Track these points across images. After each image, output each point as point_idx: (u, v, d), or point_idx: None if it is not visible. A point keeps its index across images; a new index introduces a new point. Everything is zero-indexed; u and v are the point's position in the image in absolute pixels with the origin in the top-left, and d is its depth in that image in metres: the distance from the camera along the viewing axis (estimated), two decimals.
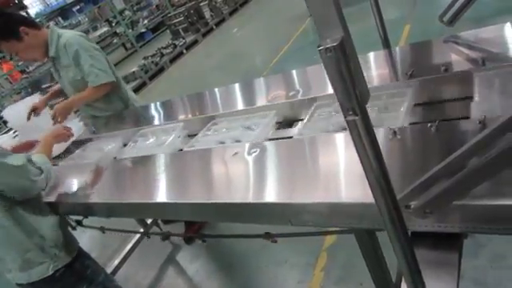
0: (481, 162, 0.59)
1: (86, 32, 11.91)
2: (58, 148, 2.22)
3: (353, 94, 0.50)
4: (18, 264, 1.60)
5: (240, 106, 1.77)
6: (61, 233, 1.70)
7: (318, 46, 0.50)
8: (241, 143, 1.46)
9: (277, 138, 1.42)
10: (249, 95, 1.94)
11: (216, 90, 2.15)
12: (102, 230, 2.28)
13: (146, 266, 3.03)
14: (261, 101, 1.69)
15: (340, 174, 1.04)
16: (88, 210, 1.71)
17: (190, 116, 1.97)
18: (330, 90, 1.41)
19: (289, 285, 2.32)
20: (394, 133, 1.04)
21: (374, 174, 0.57)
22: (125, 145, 2.08)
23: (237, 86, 2.05)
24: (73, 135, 2.16)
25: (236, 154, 1.35)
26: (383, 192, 0.60)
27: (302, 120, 1.46)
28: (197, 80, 6.83)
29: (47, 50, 2.26)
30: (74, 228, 2.21)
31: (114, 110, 2.55)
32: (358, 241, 1.17)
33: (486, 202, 0.74)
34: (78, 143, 2.42)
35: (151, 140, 1.98)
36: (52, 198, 1.75)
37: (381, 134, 1.06)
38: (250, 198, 1.09)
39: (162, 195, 1.39)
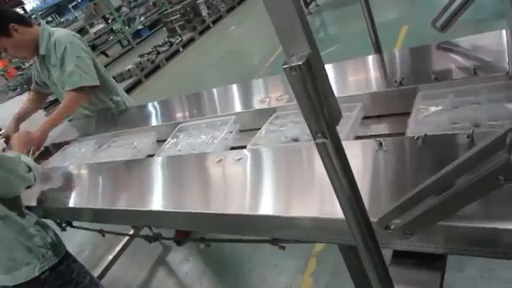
0: (460, 186, 0.56)
1: (82, 29, 11.83)
2: None
3: (321, 116, 0.47)
4: (4, 265, 1.58)
5: (207, 113, 1.80)
6: (44, 233, 1.68)
7: (283, 64, 0.46)
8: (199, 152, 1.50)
9: (238, 147, 1.43)
10: (223, 101, 1.94)
11: (188, 95, 2.20)
12: (100, 231, 2.24)
13: (137, 266, 3.00)
14: (230, 108, 1.71)
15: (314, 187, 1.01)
16: (65, 214, 1.71)
17: (160, 122, 2.00)
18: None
19: None
20: None
21: (346, 196, 0.54)
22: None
23: (215, 91, 2.06)
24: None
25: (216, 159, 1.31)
26: (356, 215, 0.57)
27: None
28: (193, 79, 6.78)
29: (37, 47, 2.21)
30: (63, 229, 2.18)
31: (104, 110, 2.51)
32: (342, 253, 1.14)
33: (469, 224, 0.71)
34: (58, 146, 2.43)
35: (124, 144, 2.00)
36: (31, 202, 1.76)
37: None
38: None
39: (126, 202, 1.40)
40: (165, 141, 1.75)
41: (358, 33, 4.77)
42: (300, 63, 0.44)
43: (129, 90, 7.55)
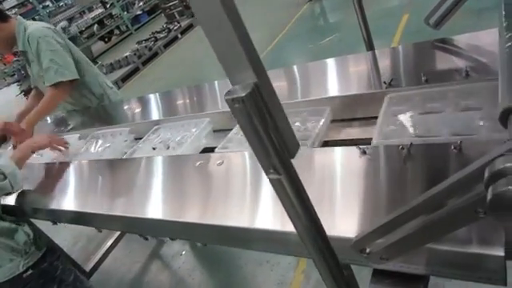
0: (438, 215, 0.51)
1: (80, 14, 11.60)
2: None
3: (272, 151, 0.41)
4: None
5: (183, 112, 1.78)
6: (27, 229, 1.67)
7: (226, 94, 0.41)
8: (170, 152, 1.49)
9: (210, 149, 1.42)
10: (199, 100, 1.91)
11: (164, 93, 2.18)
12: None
13: (130, 260, 3.00)
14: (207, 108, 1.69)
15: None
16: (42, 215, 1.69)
17: (137, 120, 1.97)
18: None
19: (268, 285, 2.28)
20: None
21: (306, 231, 0.49)
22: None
23: (192, 89, 2.04)
24: (66, 148, 1.97)
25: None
26: (321, 251, 0.52)
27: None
28: (190, 66, 6.68)
29: (14, 43, 2.14)
30: (54, 223, 2.16)
31: (85, 105, 2.44)
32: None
33: (451, 248, 0.67)
34: None
35: (99, 143, 1.98)
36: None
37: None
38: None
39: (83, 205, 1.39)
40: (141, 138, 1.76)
41: (354, 23, 4.66)
42: (243, 95, 0.38)
43: (126, 78, 7.46)
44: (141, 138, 1.75)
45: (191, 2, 0.38)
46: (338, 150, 1.01)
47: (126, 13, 11.81)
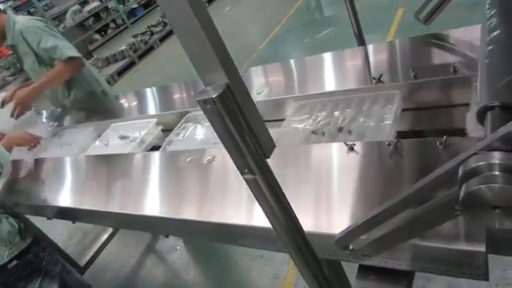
0: (416, 214, 0.51)
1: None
2: None
3: (246, 151, 0.41)
4: None
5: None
6: (12, 219, 1.67)
7: (198, 95, 0.40)
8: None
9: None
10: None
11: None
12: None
13: (125, 254, 3.00)
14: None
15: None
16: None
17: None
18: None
19: (263, 279, 2.30)
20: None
21: (282, 228, 0.49)
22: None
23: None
24: (39, 143, 2.07)
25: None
26: (298, 247, 0.52)
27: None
28: (187, 61, 6.63)
29: (3, 37, 2.13)
30: (49, 217, 2.16)
31: (75, 99, 2.43)
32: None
33: (434, 244, 0.67)
34: None
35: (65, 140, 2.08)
36: None
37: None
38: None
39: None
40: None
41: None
42: (214, 96, 0.38)
43: (121, 72, 7.41)
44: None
45: (163, 7, 0.38)
46: (325, 146, 1.01)
47: (121, 6, 11.68)
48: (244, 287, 2.35)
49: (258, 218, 0.90)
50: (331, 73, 1.36)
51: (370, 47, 1.38)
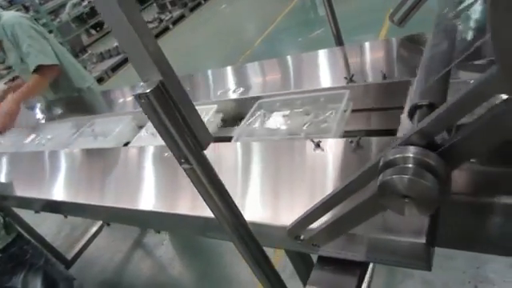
0: (350, 207, 0.55)
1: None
2: None
3: (182, 143, 0.44)
4: None
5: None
6: None
7: (135, 92, 0.44)
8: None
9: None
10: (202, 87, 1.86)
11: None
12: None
13: (113, 249, 3.03)
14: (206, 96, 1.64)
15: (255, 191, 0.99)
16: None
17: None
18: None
19: (248, 272, 2.33)
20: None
21: (223, 217, 0.53)
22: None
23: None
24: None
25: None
26: (241, 237, 0.55)
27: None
28: (181, 57, 6.65)
29: None
30: (36, 211, 2.18)
31: (61, 95, 2.45)
32: (289, 257, 1.15)
33: (379, 236, 0.71)
34: None
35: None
36: None
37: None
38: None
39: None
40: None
41: (348, 14, 4.66)
42: (148, 91, 0.41)
43: (116, 68, 7.41)
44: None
45: (101, 14, 0.41)
46: (291, 142, 1.04)
47: None
48: (229, 281, 2.39)
49: None
50: (306, 72, 1.39)
51: (347, 48, 1.42)
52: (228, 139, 1.27)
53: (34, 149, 1.99)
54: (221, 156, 1.14)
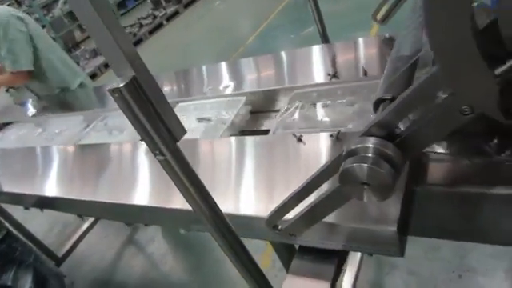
0: (321, 197, 0.58)
1: None
2: None
3: (155, 136, 0.47)
4: None
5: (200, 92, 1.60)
6: None
7: (109, 87, 0.46)
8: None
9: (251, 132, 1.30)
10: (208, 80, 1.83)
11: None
12: None
13: (104, 246, 3.04)
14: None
15: (244, 184, 1.02)
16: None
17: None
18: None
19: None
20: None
21: (199, 208, 0.55)
22: None
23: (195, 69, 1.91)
24: None
25: None
26: (219, 228, 0.58)
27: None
28: (175, 53, 6.65)
29: None
30: (26, 208, 2.19)
31: (51, 91, 2.46)
32: (275, 250, 1.18)
33: (354, 225, 0.74)
34: None
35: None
36: None
37: None
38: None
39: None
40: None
41: (340, 12, 4.70)
42: (120, 86, 0.44)
43: (107, 65, 7.39)
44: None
45: (76, 14, 0.43)
46: (275, 137, 1.07)
47: None
48: (220, 275, 2.42)
49: None
50: (291, 69, 1.42)
51: (331, 45, 1.45)
52: (260, 132, 1.27)
53: (43, 143, 1.95)
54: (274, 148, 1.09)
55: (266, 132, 1.23)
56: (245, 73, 1.62)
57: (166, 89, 1.83)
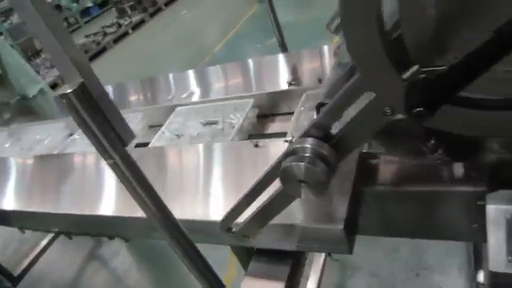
0: (269, 199, 0.60)
1: None
2: None
3: (104, 140, 0.48)
4: None
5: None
6: None
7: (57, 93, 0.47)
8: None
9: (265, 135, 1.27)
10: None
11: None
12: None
13: (65, 262, 2.90)
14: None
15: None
16: None
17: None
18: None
19: None
20: None
21: (151, 213, 0.56)
22: None
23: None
24: None
25: None
26: (166, 225, 0.59)
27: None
28: (141, 63, 6.55)
29: None
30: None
31: (10, 98, 2.36)
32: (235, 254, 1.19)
33: (305, 225, 0.77)
34: None
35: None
36: None
37: None
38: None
39: None
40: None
41: (309, 21, 4.83)
42: (68, 92, 0.45)
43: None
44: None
45: (26, 24, 0.43)
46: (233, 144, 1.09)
47: (75, 4, 11.24)
48: None
49: None
50: (249, 78, 1.46)
51: (290, 54, 1.50)
52: (270, 136, 1.25)
53: (19, 154, 1.79)
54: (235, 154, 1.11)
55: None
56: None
57: (133, 98, 1.82)
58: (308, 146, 0.48)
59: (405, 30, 0.35)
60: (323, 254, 1.65)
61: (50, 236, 2.87)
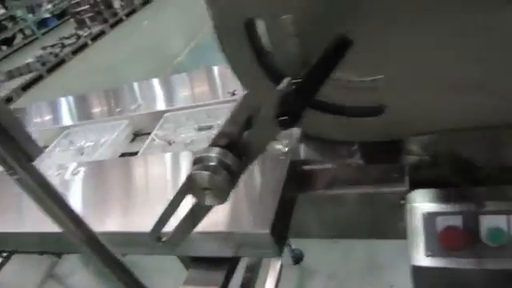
0: (191, 209, 0.62)
1: None
2: None
3: (8, 157, 0.48)
4: None
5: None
6: None
7: None
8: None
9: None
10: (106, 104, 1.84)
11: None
12: None
13: (20, 282, 2.76)
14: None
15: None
16: None
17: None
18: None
19: None
20: None
21: (66, 227, 0.56)
22: None
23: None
24: None
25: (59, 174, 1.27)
26: (81, 236, 0.59)
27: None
28: (100, 74, 6.39)
29: None
30: None
31: None
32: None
33: (236, 231, 0.80)
34: None
35: None
36: None
37: None
38: None
39: None
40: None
41: None
42: None
43: (27, 87, 6.86)
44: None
45: None
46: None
47: (31, 15, 10.80)
48: None
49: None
50: (195, 89, 1.49)
51: None
52: None
53: None
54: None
55: None
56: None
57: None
58: (212, 154, 0.51)
59: (274, 50, 0.39)
60: (279, 259, 1.68)
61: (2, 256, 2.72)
